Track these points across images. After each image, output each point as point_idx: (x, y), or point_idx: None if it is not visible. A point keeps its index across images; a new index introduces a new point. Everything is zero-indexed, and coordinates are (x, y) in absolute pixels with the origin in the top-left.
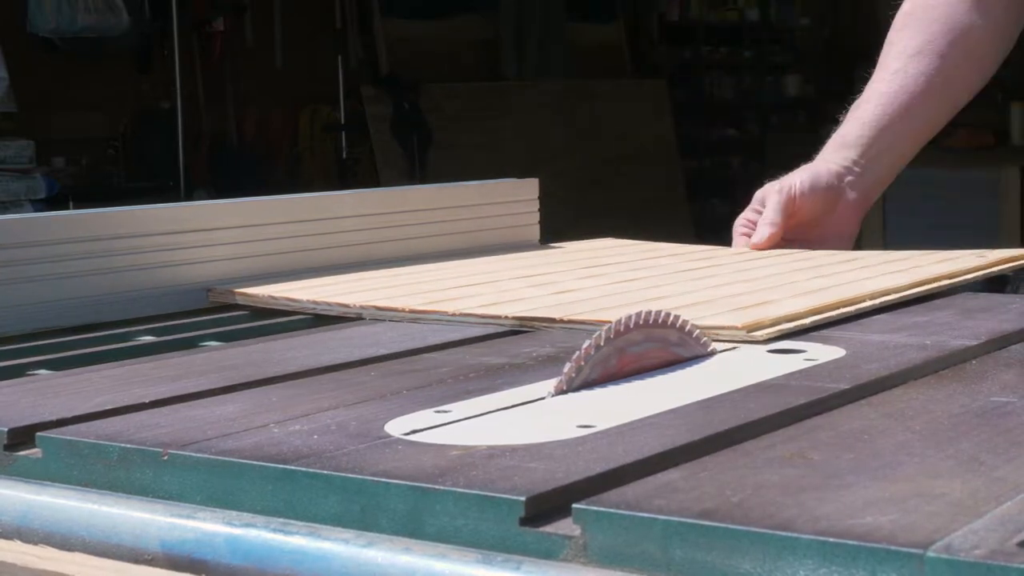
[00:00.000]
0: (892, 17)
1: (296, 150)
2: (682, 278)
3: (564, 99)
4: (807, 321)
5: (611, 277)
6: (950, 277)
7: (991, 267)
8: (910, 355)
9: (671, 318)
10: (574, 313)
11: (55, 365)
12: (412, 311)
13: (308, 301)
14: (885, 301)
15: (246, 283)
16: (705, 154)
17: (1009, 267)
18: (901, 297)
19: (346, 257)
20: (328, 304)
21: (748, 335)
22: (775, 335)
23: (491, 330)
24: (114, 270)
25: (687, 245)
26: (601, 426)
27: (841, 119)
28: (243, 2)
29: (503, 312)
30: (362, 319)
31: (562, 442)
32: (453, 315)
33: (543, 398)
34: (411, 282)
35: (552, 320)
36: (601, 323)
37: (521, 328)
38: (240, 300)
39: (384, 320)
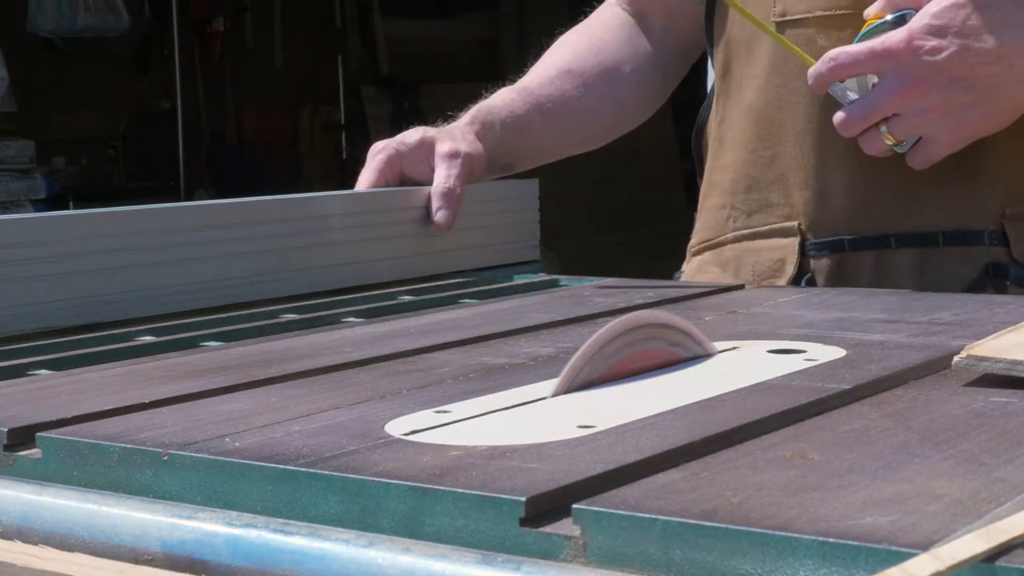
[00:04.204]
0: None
1: (296, 150)
2: None
3: None
4: None
5: None
6: None
7: None
8: (910, 355)
9: (671, 318)
10: None
11: (55, 365)
12: None
13: None
14: None
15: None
16: None
17: None
18: None
19: (343, 258)
20: None
21: None
22: None
23: (498, 329)
24: (114, 270)
25: None
26: (601, 426)
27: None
28: (243, 2)
29: None
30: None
31: (562, 442)
32: None
33: (543, 398)
34: None
35: None
36: None
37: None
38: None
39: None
